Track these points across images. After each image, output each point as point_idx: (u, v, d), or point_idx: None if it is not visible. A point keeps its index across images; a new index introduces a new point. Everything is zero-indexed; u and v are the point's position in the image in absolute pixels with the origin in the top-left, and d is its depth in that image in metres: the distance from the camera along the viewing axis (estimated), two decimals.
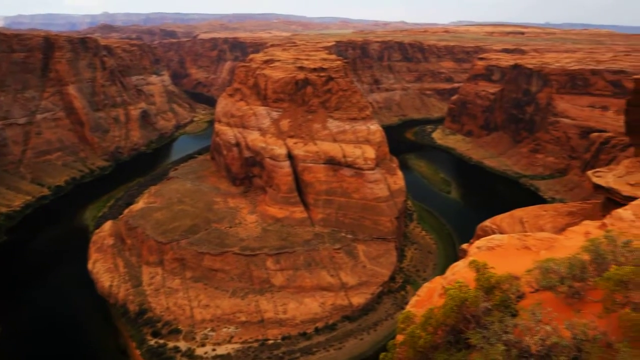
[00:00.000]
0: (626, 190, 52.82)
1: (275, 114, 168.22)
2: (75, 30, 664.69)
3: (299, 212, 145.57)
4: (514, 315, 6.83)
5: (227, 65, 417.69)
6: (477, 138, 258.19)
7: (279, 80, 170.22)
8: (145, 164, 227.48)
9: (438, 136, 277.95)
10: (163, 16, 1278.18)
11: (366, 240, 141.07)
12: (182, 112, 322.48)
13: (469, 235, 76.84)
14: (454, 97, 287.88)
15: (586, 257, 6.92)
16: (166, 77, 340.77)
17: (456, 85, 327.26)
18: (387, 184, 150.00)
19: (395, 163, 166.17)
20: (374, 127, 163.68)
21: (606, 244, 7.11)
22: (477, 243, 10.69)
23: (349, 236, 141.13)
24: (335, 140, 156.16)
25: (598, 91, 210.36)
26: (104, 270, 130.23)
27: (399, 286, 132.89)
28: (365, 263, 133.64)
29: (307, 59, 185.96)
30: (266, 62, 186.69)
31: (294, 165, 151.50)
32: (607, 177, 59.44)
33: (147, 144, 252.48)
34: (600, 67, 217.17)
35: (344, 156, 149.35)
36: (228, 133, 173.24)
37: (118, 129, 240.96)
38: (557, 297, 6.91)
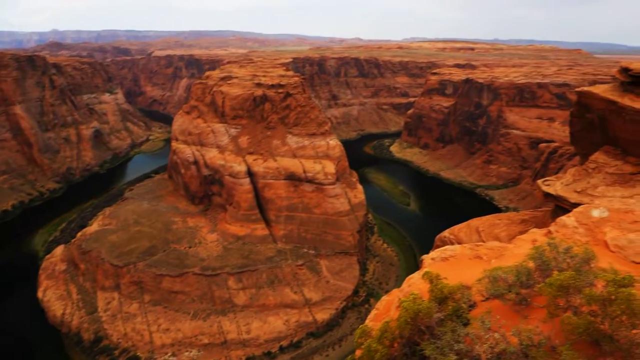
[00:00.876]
0: (573, 198, 55.43)
1: (233, 131, 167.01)
2: (22, 48, 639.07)
3: (260, 229, 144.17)
4: (466, 324, 7.00)
5: (183, 82, 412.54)
6: (434, 150, 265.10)
7: (237, 97, 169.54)
8: (99, 185, 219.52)
9: (396, 149, 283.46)
10: (115, 33, 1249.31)
11: (329, 255, 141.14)
12: (137, 130, 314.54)
13: (429, 246, 78.38)
14: (410, 111, 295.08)
15: (531, 264, 7.23)
16: (120, 95, 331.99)
17: (411, 99, 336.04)
18: (347, 198, 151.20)
19: (355, 177, 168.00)
20: (333, 142, 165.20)
21: (549, 251, 7.46)
22: (432, 254, 10.92)
23: (312, 252, 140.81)
24: (295, 156, 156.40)
25: (545, 103, 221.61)
26: (55, 297, 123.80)
27: (363, 300, 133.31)
28: (329, 278, 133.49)
29: (264, 76, 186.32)
30: (223, 78, 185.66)
31: (254, 182, 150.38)
32: (555, 186, 62.19)
33: (101, 164, 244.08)
34: (546, 80, 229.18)
35: (304, 171, 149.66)
36: (186, 151, 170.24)
37: (69, 150, 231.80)
38: (505, 304, 7.15)
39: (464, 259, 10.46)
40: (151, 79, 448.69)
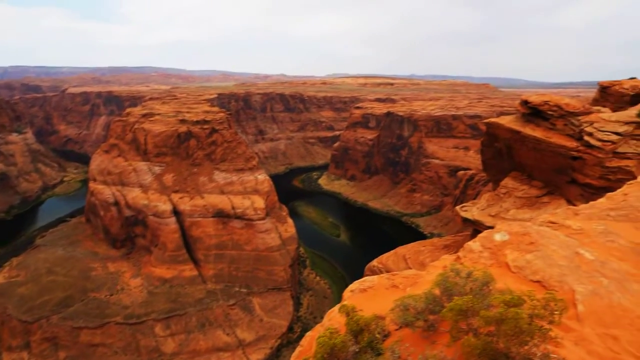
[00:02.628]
0: (488, 222, 59.06)
1: (157, 169, 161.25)
2: None
3: (188, 270, 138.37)
4: (379, 354, 7.20)
5: (102, 120, 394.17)
6: (361, 182, 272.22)
7: (160, 134, 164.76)
8: (5, 233, 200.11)
9: (324, 182, 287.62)
10: (24, 69, 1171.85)
11: (261, 292, 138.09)
12: (50, 172, 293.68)
13: (360, 275, 79.27)
14: (336, 144, 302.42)
15: (437, 291, 7.64)
16: (29, 135, 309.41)
17: (337, 132, 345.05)
18: (278, 232, 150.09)
19: (285, 211, 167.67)
20: (262, 176, 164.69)
21: (453, 276, 7.95)
22: (351, 286, 11.15)
23: (244, 290, 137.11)
24: (222, 192, 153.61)
25: (460, 134, 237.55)
26: None
27: (298, 336, 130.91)
28: (262, 316, 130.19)
29: (189, 112, 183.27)
30: (145, 115, 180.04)
31: (180, 221, 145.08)
32: (472, 211, 65.98)
33: (7, 209, 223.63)
34: (460, 112, 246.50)
35: (233, 208, 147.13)
36: (105, 192, 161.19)
37: None
38: (415, 332, 7.46)
39: (381, 289, 10.78)
40: (65, 117, 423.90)
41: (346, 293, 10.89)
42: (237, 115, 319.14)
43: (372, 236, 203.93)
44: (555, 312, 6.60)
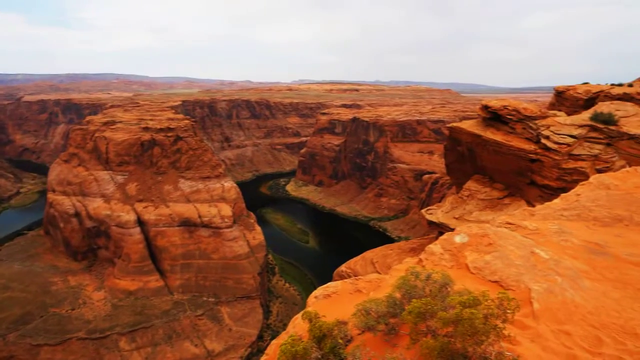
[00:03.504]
0: (452, 224, 60.30)
1: (120, 178, 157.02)
2: None
3: (154, 281, 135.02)
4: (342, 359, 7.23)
5: (60, 129, 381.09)
6: (328, 187, 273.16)
7: (122, 142, 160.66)
8: None
9: (292, 188, 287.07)
10: None
11: (230, 301, 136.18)
12: (5, 183, 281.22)
13: (330, 281, 79.10)
14: (303, 150, 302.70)
15: (398, 294, 7.75)
16: None
17: (304, 139, 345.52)
18: (246, 240, 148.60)
19: (252, 218, 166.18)
20: (229, 184, 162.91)
21: (413, 279, 8.08)
22: (315, 292, 11.15)
23: (212, 299, 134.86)
24: (189, 201, 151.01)
25: (424, 138, 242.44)
26: None
27: (268, 344, 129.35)
28: (231, 325, 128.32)
29: (152, 119, 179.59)
30: (106, 123, 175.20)
31: (145, 231, 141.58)
32: (437, 214, 67.23)
33: None
34: (424, 117, 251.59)
35: (200, 216, 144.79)
36: (65, 203, 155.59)
37: None
38: (376, 335, 7.53)
39: (345, 294, 10.83)
40: (21, 126, 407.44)
41: (310, 299, 10.89)
42: (203, 123, 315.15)
43: (341, 241, 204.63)
44: (508, 311, 6.80)
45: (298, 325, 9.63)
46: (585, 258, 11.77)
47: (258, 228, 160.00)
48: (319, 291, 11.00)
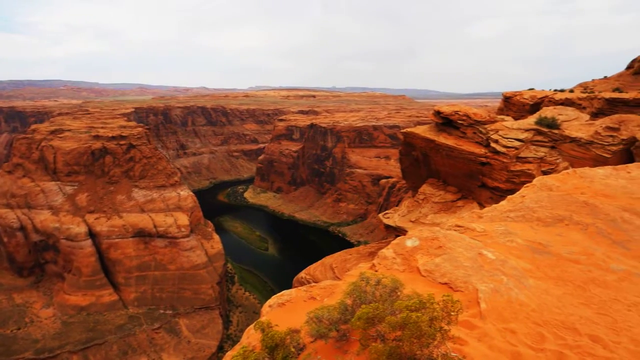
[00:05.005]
0: (409, 227, 61.52)
1: (69, 189, 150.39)
2: None
3: (107, 296, 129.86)
4: None
5: (3, 138, 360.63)
6: (287, 194, 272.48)
7: (71, 152, 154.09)
8: None
9: (250, 195, 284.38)
10: None
11: (188, 313, 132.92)
12: None
13: (290, 288, 78.61)
14: (261, 157, 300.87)
15: (349, 300, 7.81)
16: None
17: (261, 145, 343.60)
18: (204, 249, 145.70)
19: (210, 227, 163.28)
20: (185, 192, 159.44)
21: (364, 285, 8.16)
22: (269, 302, 11.05)
23: (169, 312, 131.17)
24: (143, 211, 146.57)
25: (381, 143, 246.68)
26: None
27: None
28: (190, 338, 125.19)
29: (103, 127, 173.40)
30: (54, 132, 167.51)
31: (97, 244, 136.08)
32: (394, 218, 68.40)
33: None
34: (380, 123, 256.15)
35: (155, 226, 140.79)
36: (8, 216, 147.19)
37: None
38: (328, 343, 7.55)
39: (299, 301, 10.79)
40: None
41: (264, 309, 10.78)
42: (157, 130, 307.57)
43: (300, 247, 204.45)
44: (452, 313, 6.99)
45: (252, 336, 9.51)
46: (529, 257, 12.28)
47: (216, 237, 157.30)
48: (273, 300, 10.92)
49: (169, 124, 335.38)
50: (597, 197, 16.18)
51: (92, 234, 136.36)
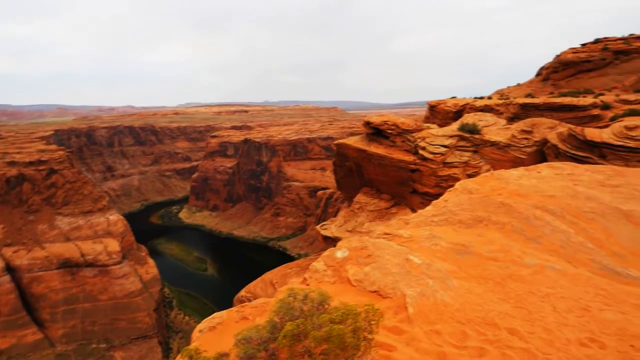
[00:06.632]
0: (346, 237, 62.38)
1: None
2: None
3: (30, 335, 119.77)
4: None
5: None
6: (224, 211, 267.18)
7: None
8: None
9: (185, 215, 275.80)
10: None
11: (124, 344, 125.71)
12: None
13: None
14: (195, 175, 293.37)
15: (276, 318, 7.76)
16: None
17: (194, 163, 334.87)
18: (138, 275, 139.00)
19: (144, 251, 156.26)
20: (114, 217, 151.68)
21: (292, 300, 8.15)
22: (199, 326, 10.71)
23: (103, 345, 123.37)
24: (69, 239, 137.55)
25: (315, 156, 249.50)
26: None
27: None
28: None
29: (19, 152, 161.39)
30: None
31: (17, 279, 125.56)
32: (331, 228, 69.13)
33: None
34: (314, 135, 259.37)
35: (83, 255, 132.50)
36: None
37: None
38: None
39: (231, 323, 10.56)
40: None
41: (195, 334, 10.43)
42: (80, 153, 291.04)
43: (240, 265, 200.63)
44: (373, 322, 7.17)
45: None
46: (452, 259, 12.88)
47: (151, 261, 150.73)
48: (204, 324, 10.59)
49: (93, 145, 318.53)
50: (512, 197, 17.34)
51: (10, 269, 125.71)
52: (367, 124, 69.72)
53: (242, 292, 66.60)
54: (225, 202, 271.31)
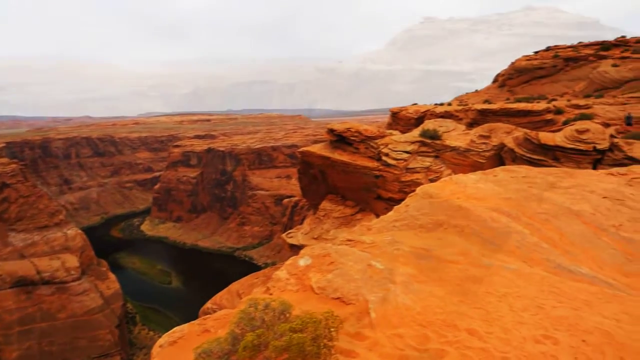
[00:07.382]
0: (313, 244, 62.36)
1: None
2: None
3: None
4: None
5: None
6: (188, 222, 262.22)
7: None
8: None
9: (147, 228, 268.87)
10: None
11: None
12: None
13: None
14: (157, 186, 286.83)
15: (237, 329, 7.67)
16: None
17: (157, 174, 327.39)
18: (98, 291, 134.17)
19: (105, 266, 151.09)
20: (72, 231, 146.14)
21: (253, 310, 8.08)
22: (159, 341, 10.44)
23: None
24: (23, 256, 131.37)
25: (280, 164, 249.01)
26: None
27: None
28: None
29: None
30: None
31: None
32: (297, 236, 68.94)
33: None
34: (278, 143, 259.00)
35: (39, 272, 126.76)
36: None
37: None
38: None
39: (192, 336, 10.35)
40: None
41: (155, 349, 10.15)
42: (35, 166, 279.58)
43: (206, 277, 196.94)
44: (333, 329, 7.21)
45: None
46: (414, 263, 13.09)
47: (112, 276, 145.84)
48: (164, 339, 10.32)
49: (48, 157, 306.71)
50: (470, 201, 17.83)
51: None
52: (331, 131, 70.12)
53: (208, 304, 65.31)
54: (190, 213, 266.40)
